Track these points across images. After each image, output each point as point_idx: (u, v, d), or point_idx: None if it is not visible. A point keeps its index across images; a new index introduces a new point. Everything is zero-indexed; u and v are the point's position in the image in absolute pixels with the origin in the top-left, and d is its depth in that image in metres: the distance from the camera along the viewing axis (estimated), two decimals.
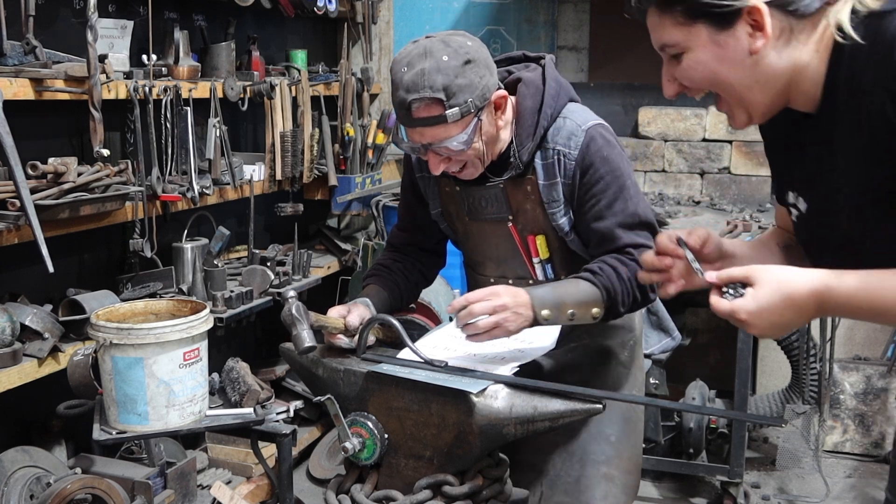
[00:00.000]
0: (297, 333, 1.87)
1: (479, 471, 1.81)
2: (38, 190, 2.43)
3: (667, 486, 3.88)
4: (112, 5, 3.01)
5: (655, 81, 1.54)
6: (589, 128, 1.96)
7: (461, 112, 1.82)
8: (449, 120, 1.82)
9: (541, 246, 2.03)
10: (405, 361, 1.88)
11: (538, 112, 1.95)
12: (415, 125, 1.85)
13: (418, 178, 2.17)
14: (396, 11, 4.63)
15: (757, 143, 4.11)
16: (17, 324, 2.47)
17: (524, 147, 1.95)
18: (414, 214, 2.23)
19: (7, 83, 2.40)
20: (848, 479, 3.93)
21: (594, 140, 1.95)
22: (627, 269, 1.90)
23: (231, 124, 3.53)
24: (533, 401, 1.73)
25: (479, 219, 2.07)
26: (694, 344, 4.30)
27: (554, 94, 1.97)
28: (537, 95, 1.97)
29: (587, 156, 1.94)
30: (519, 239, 2.04)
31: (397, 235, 2.29)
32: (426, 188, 2.16)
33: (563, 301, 1.87)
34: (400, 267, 2.21)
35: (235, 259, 3.56)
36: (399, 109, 1.86)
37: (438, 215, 2.16)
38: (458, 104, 1.81)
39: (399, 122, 1.92)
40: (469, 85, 1.82)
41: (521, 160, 1.95)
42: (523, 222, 2.03)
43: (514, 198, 2.01)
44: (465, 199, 2.07)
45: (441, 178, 2.08)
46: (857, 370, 4.09)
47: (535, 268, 2.06)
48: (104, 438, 2.11)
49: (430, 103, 1.81)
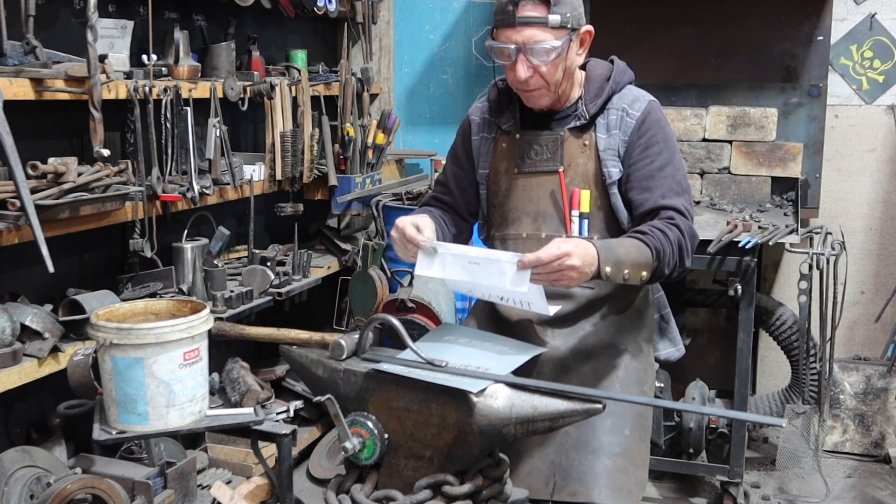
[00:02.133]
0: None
1: (479, 471, 1.81)
2: (38, 190, 2.43)
3: (667, 486, 3.88)
4: (112, 5, 3.01)
5: (655, 81, 1.54)
6: (651, 99, 2.19)
7: (561, 21, 2.01)
8: (549, 24, 2.00)
9: (584, 199, 2.15)
10: (405, 361, 1.88)
11: (607, 80, 2.18)
12: (517, 23, 2.00)
13: (474, 140, 2.29)
14: (396, 11, 4.63)
15: (757, 143, 4.11)
16: (17, 324, 2.47)
17: (592, 103, 2.15)
18: (459, 178, 2.34)
19: (7, 83, 2.40)
20: (848, 479, 3.93)
21: (654, 110, 2.18)
22: (673, 233, 2.03)
23: (231, 124, 3.53)
24: (533, 401, 1.73)
25: (529, 171, 2.19)
26: (694, 344, 4.30)
27: (621, 70, 2.23)
28: (606, 69, 2.21)
29: (647, 120, 2.14)
30: (564, 190, 2.15)
31: (435, 195, 2.39)
32: (480, 146, 2.28)
33: (622, 260, 1.95)
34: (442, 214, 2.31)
35: (235, 259, 3.56)
36: (504, 8, 2.01)
37: (484, 177, 2.28)
38: (560, 13, 2.01)
39: (497, 26, 2.05)
40: (571, 2, 2.04)
41: (589, 112, 2.13)
42: (572, 175, 2.15)
43: (570, 149, 2.15)
44: (521, 148, 2.19)
45: (500, 136, 2.23)
46: (857, 370, 4.09)
47: (571, 222, 2.15)
48: (104, 438, 2.11)
49: (537, 3, 2.00)
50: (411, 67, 4.65)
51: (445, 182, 2.38)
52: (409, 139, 4.67)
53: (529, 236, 2.19)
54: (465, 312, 3.80)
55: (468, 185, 2.33)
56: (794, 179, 4.11)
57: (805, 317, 3.69)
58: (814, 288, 3.65)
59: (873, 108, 4.24)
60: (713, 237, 3.40)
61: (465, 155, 2.33)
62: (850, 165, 4.30)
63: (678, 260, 2.05)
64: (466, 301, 3.79)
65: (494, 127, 2.26)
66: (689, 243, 2.07)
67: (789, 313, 4.05)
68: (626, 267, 1.95)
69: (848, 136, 4.28)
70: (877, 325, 4.28)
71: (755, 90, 4.23)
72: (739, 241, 3.34)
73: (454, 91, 4.61)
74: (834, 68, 4.23)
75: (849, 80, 4.25)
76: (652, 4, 4.26)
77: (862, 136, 4.27)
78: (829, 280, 3.69)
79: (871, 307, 4.31)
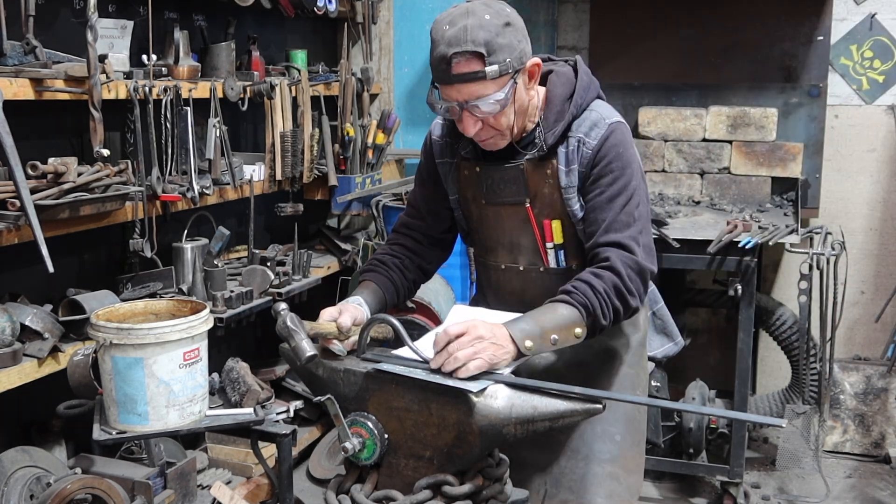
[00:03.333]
0: (295, 345, 1.86)
1: (479, 471, 1.80)
2: (38, 190, 2.43)
3: (667, 486, 3.88)
4: (112, 5, 3.01)
5: (656, 81, 1.54)
6: (612, 123, 2.02)
7: (500, 70, 1.86)
8: (488, 77, 1.86)
9: (556, 230, 2.06)
10: (405, 361, 1.88)
11: (568, 100, 2.02)
12: (453, 81, 1.89)
13: (438, 163, 2.19)
14: (396, 11, 4.62)
15: (757, 143, 4.11)
16: (17, 324, 2.47)
17: (551, 130, 2.00)
18: (427, 200, 2.24)
19: (7, 83, 2.40)
20: (848, 479, 3.93)
21: (614, 134, 2.00)
22: (603, 281, 1.91)
23: (231, 124, 3.53)
24: (533, 401, 1.72)
25: (496, 202, 2.09)
26: (694, 344, 4.30)
27: (585, 86, 2.05)
28: (568, 85, 2.04)
29: (603, 147, 1.99)
30: (535, 222, 2.07)
31: (405, 222, 2.28)
32: (446, 173, 2.18)
33: (543, 328, 1.85)
34: (397, 263, 2.20)
35: (235, 259, 3.56)
36: (438, 66, 1.90)
37: (455, 202, 2.19)
38: (498, 62, 1.86)
39: (436, 82, 1.96)
40: (508, 45, 1.87)
41: (547, 142, 2.00)
42: (540, 206, 2.05)
43: (533, 180, 2.04)
44: (483, 181, 2.09)
45: (460, 162, 2.12)
46: (857, 370, 4.09)
47: (547, 254, 2.08)
48: (104, 438, 2.11)
49: (471, 58, 1.85)
50: (411, 67, 4.65)
51: (415, 204, 2.27)
52: (409, 139, 4.66)
53: (508, 268, 2.13)
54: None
55: (439, 207, 2.22)
56: (794, 179, 4.11)
57: (805, 317, 3.69)
58: (814, 288, 3.65)
59: (873, 108, 4.24)
60: (713, 237, 3.40)
61: (430, 177, 2.22)
62: (850, 165, 4.30)
63: (618, 306, 1.92)
64: (467, 302, 3.79)
65: (455, 152, 2.15)
66: (628, 284, 1.92)
67: (789, 313, 4.05)
68: (551, 333, 1.85)
69: (848, 136, 4.28)
70: (877, 325, 4.28)
71: (755, 90, 4.23)
72: (739, 242, 3.34)
73: None
74: (834, 68, 4.23)
75: (849, 80, 4.25)
76: (652, 4, 4.26)
77: (862, 136, 4.27)
78: (829, 280, 3.69)
79: (871, 307, 4.31)
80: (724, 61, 4.25)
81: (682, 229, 3.57)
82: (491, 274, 2.19)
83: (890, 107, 4.21)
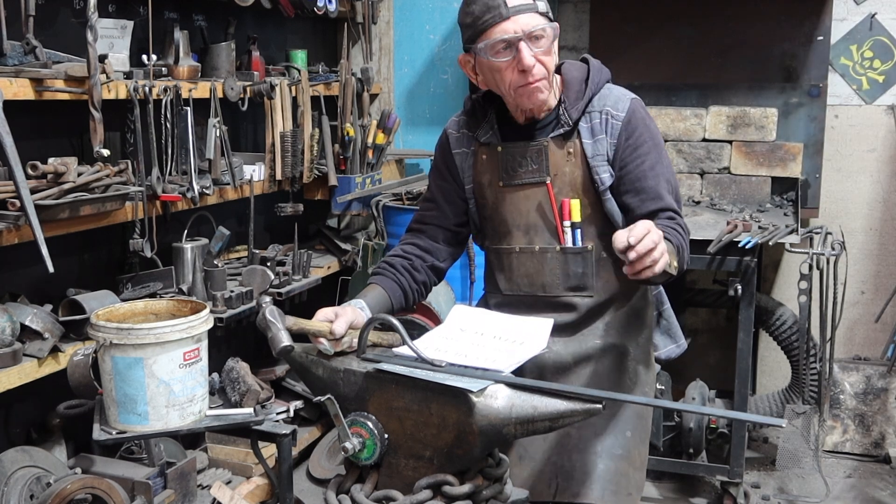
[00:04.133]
0: (272, 335, 1.88)
1: (479, 471, 1.81)
2: (38, 190, 2.43)
3: (667, 486, 3.88)
4: (112, 5, 3.01)
5: (655, 81, 1.54)
6: (633, 98, 2.11)
7: (546, 8, 1.99)
8: (539, 9, 1.97)
9: (574, 209, 2.10)
10: (405, 361, 1.88)
11: (585, 81, 2.11)
12: (510, 14, 1.96)
13: (455, 153, 2.22)
14: (396, 11, 4.63)
15: (757, 143, 4.11)
16: (17, 324, 2.47)
17: (573, 106, 2.08)
18: (444, 190, 2.27)
19: (7, 83, 2.40)
20: (848, 479, 3.93)
21: (639, 108, 2.10)
22: (680, 234, 2.01)
23: (231, 124, 3.53)
24: (533, 401, 1.72)
25: (514, 184, 2.13)
26: (694, 344, 4.29)
27: (598, 69, 2.15)
28: (582, 70, 2.14)
29: (633, 119, 2.07)
30: (554, 201, 2.10)
31: (420, 216, 2.30)
32: (462, 162, 2.21)
33: (671, 254, 1.89)
34: (406, 265, 2.20)
35: (235, 259, 3.56)
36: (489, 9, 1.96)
37: (470, 191, 2.21)
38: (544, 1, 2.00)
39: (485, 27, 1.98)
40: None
41: (571, 117, 2.07)
42: (560, 185, 2.10)
43: (554, 158, 2.09)
44: (503, 161, 2.13)
45: (479, 148, 2.17)
46: (857, 370, 4.09)
47: (564, 233, 2.11)
48: (104, 438, 2.11)
49: None
50: (411, 67, 4.65)
51: (433, 198, 2.29)
52: (409, 139, 4.67)
53: (523, 250, 2.15)
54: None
55: (456, 197, 2.25)
56: (794, 179, 4.11)
57: (805, 317, 3.69)
58: (814, 288, 3.65)
59: (873, 108, 4.24)
60: (713, 237, 3.40)
61: (447, 168, 2.25)
62: (850, 165, 4.30)
63: (685, 260, 2.03)
64: (467, 302, 3.79)
65: (472, 140, 2.19)
66: (687, 243, 2.06)
67: (789, 313, 4.05)
68: (674, 260, 1.89)
69: (848, 136, 4.28)
70: (877, 325, 4.28)
71: (755, 90, 4.23)
72: (739, 241, 3.34)
73: (454, 91, 4.60)
74: (834, 68, 4.23)
75: (849, 80, 4.25)
76: (652, 4, 4.26)
77: (862, 136, 4.27)
78: (829, 280, 3.69)
79: (871, 307, 4.31)
80: (724, 61, 4.25)
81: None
82: (504, 259, 2.19)
83: (890, 107, 4.21)
